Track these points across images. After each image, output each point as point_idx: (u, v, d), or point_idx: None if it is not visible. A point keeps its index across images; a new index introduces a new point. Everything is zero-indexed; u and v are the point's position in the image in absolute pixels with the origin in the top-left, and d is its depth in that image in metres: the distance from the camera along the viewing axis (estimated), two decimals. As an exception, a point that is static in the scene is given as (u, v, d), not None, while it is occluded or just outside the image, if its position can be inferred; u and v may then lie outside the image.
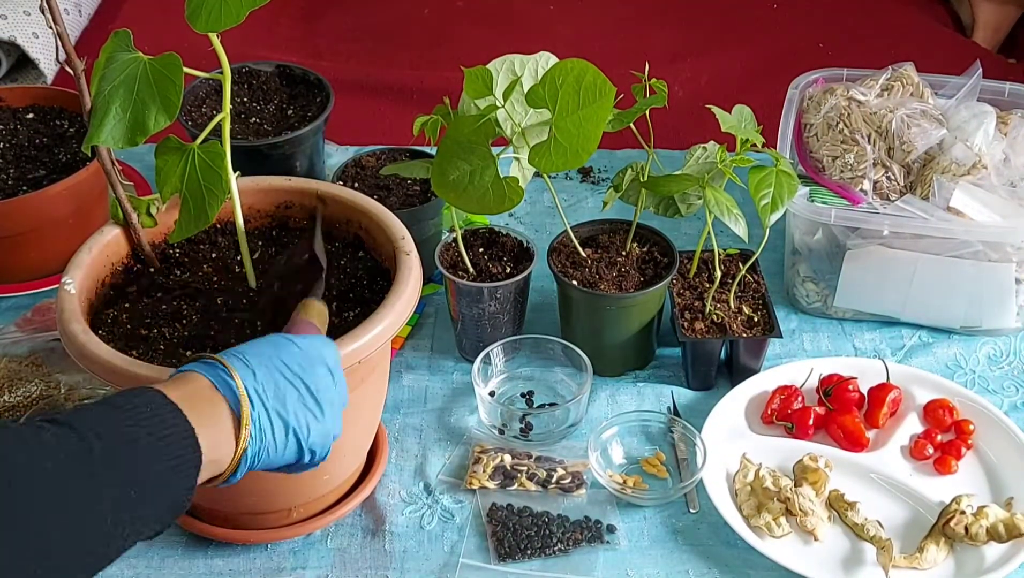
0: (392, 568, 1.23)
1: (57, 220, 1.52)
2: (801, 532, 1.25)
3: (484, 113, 1.27)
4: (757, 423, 1.39)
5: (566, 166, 1.25)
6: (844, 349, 1.51)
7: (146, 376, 1.04)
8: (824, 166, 1.51)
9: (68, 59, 1.10)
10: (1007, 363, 1.49)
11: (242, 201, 1.21)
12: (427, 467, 1.34)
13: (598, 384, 1.44)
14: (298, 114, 1.69)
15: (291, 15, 2.34)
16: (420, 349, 1.51)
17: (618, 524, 1.27)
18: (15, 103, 1.68)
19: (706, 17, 2.35)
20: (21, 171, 1.56)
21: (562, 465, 1.32)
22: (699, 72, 2.14)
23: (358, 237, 1.29)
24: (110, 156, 1.16)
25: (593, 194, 1.78)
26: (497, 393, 1.43)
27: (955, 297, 1.48)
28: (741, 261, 1.49)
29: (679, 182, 1.37)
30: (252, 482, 1.16)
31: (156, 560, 1.24)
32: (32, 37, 2.04)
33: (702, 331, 1.41)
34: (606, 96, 1.22)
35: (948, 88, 1.59)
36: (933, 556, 1.21)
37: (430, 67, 2.15)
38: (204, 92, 1.71)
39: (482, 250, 1.46)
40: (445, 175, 1.29)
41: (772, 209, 1.30)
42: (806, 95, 1.62)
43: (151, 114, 1.06)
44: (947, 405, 1.38)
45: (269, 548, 1.25)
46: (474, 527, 1.27)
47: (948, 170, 1.46)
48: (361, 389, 1.16)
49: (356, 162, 1.60)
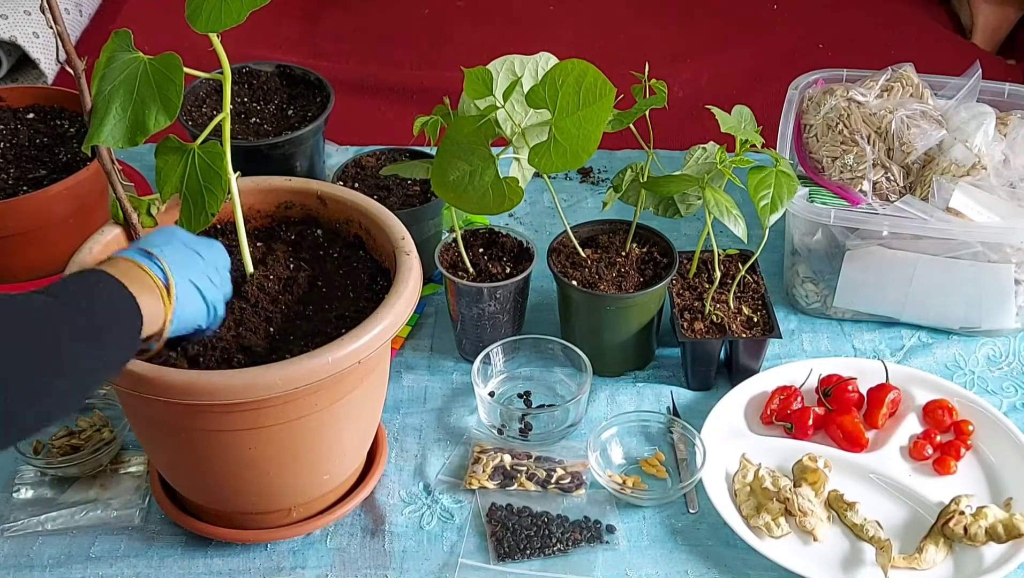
0: (392, 568, 1.23)
1: (57, 220, 1.52)
2: (800, 532, 1.25)
3: (484, 113, 1.27)
4: (756, 423, 1.39)
5: (566, 166, 1.25)
6: (843, 349, 1.51)
7: (146, 375, 1.05)
8: (824, 167, 1.51)
9: (68, 59, 1.10)
10: (1006, 364, 1.49)
11: (242, 201, 1.21)
12: (427, 467, 1.35)
13: (598, 384, 1.44)
14: (298, 114, 1.69)
15: (291, 15, 2.34)
16: (420, 349, 1.51)
17: (617, 524, 1.27)
18: (16, 103, 1.68)
19: (706, 17, 2.35)
20: (22, 171, 1.56)
21: (562, 465, 1.32)
22: (699, 72, 2.14)
23: (358, 237, 1.29)
24: (110, 156, 1.16)
25: (593, 194, 1.79)
26: (497, 393, 1.43)
27: (954, 298, 1.48)
28: (741, 261, 1.49)
29: (679, 183, 1.37)
30: (252, 482, 1.17)
31: (156, 560, 1.24)
32: (33, 37, 2.04)
33: (702, 331, 1.42)
34: (606, 96, 1.22)
35: (948, 89, 1.59)
36: (932, 556, 1.21)
37: (430, 67, 2.15)
38: (204, 92, 1.71)
39: (482, 250, 1.46)
40: (445, 175, 1.29)
41: (772, 210, 1.31)
42: (806, 96, 1.63)
43: (151, 114, 1.06)
44: (946, 406, 1.38)
45: (269, 548, 1.25)
46: (474, 527, 1.27)
47: (948, 171, 1.46)
48: (361, 389, 1.16)
49: (356, 162, 1.60)
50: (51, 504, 1.29)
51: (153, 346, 1.06)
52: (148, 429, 1.19)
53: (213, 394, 1.04)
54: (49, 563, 1.23)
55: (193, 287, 1.09)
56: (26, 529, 1.27)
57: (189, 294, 1.08)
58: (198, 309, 1.10)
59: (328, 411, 1.13)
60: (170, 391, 1.05)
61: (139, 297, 1.00)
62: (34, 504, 1.30)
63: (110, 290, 0.99)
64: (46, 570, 1.23)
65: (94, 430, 1.34)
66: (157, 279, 1.05)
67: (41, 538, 1.26)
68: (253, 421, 1.10)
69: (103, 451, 1.31)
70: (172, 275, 1.06)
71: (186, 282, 1.08)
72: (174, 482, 1.25)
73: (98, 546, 1.25)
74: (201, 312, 1.11)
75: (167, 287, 1.05)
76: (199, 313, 1.10)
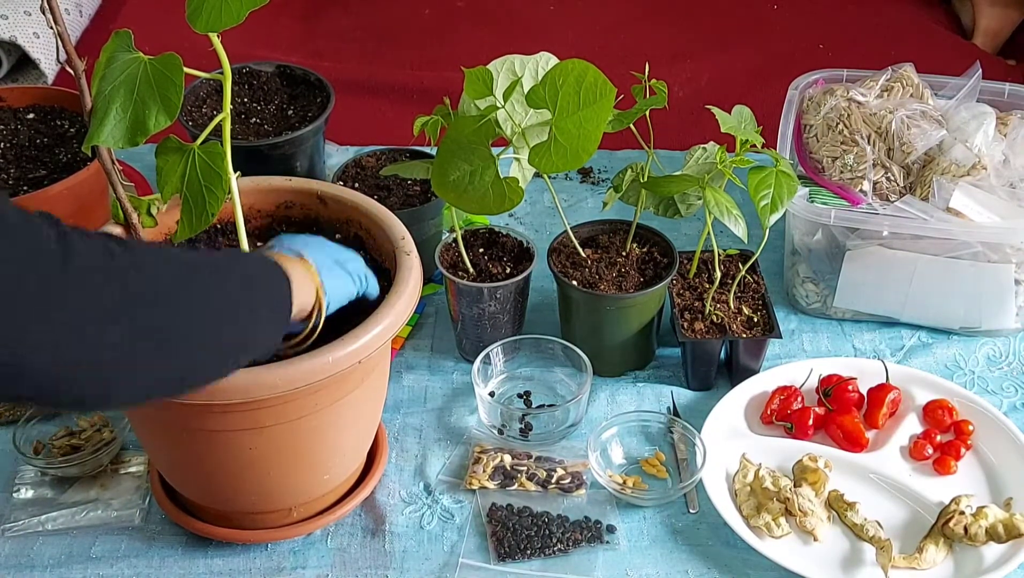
0: (392, 568, 1.23)
1: (57, 220, 1.52)
2: (800, 532, 1.25)
3: (484, 113, 1.27)
4: (757, 423, 1.39)
5: (566, 166, 1.25)
6: (844, 349, 1.51)
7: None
8: (824, 167, 1.51)
9: (69, 59, 1.10)
10: (1006, 364, 1.49)
11: (242, 201, 1.21)
12: (427, 467, 1.35)
13: (598, 384, 1.44)
14: (298, 114, 1.69)
15: (291, 15, 2.34)
16: (420, 349, 1.51)
17: (618, 524, 1.27)
18: (16, 103, 1.68)
19: (706, 17, 2.35)
20: (22, 171, 1.56)
21: (562, 465, 1.32)
22: (699, 72, 2.14)
23: (358, 237, 1.29)
24: (110, 156, 1.16)
25: (593, 194, 1.79)
26: (497, 393, 1.43)
27: (954, 298, 1.48)
28: (741, 261, 1.49)
29: (679, 183, 1.37)
30: (252, 482, 1.17)
31: (156, 560, 1.24)
32: (33, 37, 2.04)
33: (702, 331, 1.42)
34: (606, 97, 1.22)
35: (948, 89, 1.59)
36: (932, 556, 1.21)
37: (430, 67, 2.15)
38: (204, 92, 1.71)
39: (482, 250, 1.46)
40: (445, 175, 1.29)
41: (772, 210, 1.31)
42: (806, 96, 1.63)
43: (151, 114, 1.06)
44: (946, 406, 1.38)
45: (269, 548, 1.25)
46: (474, 527, 1.27)
47: (948, 171, 1.46)
48: (361, 389, 1.16)
49: (356, 162, 1.60)
50: (51, 504, 1.29)
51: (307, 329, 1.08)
52: (148, 429, 1.19)
53: (213, 394, 1.04)
54: (49, 563, 1.23)
55: (339, 268, 1.13)
56: (26, 529, 1.27)
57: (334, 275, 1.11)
58: (346, 282, 1.13)
59: (328, 411, 1.13)
60: (170, 391, 1.05)
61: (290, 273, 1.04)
62: (34, 504, 1.30)
63: (265, 266, 1.03)
64: (46, 570, 1.23)
65: (94, 430, 1.34)
66: (306, 260, 1.09)
67: (41, 538, 1.26)
68: (253, 421, 1.10)
69: (103, 451, 1.31)
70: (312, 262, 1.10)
71: (331, 267, 1.12)
72: (174, 482, 1.25)
73: (98, 546, 1.25)
74: (348, 284, 1.13)
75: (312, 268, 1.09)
76: (348, 284, 1.13)
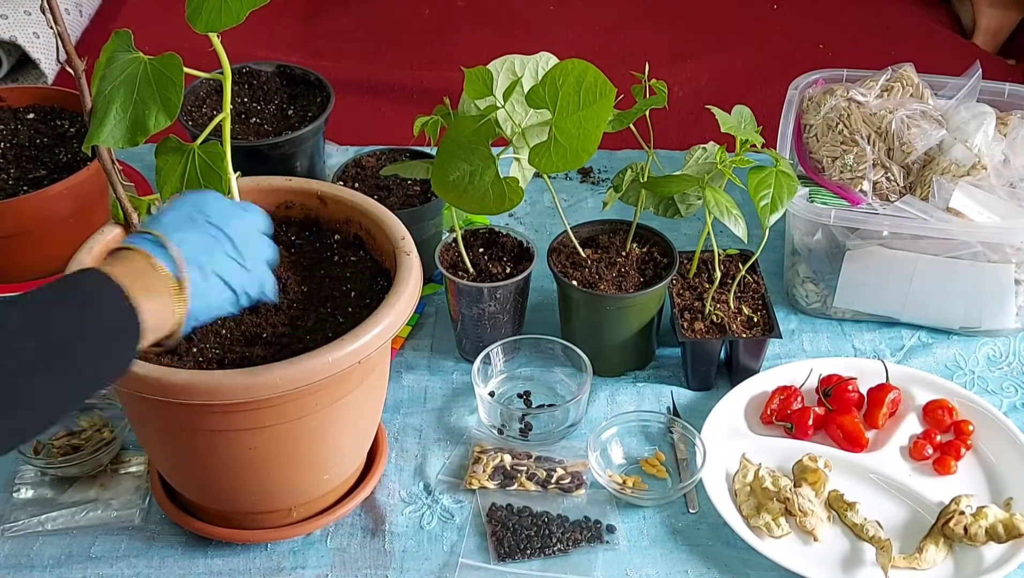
0: (392, 568, 1.23)
1: (57, 220, 1.52)
2: (800, 532, 1.25)
3: (484, 113, 1.27)
4: (757, 423, 1.39)
5: (566, 166, 1.25)
6: (844, 349, 1.51)
7: (145, 374, 1.05)
8: (824, 167, 1.51)
9: (69, 59, 1.10)
10: (1006, 364, 1.49)
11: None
12: (427, 467, 1.35)
13: (598, 384, 1.44)
14: (298, 114, 1.69)
15: (291, 15, 2.34)
16: (420, 349, 1.51)
17: (618, 524, 1.27)
18: (16, 103, 1.68)
19: (706, 17, 2.35)
20: (22, 171, 1.56)
21: (562, 465, 1.32)
22: (699, 72, 2.14)
23: (358, 237, 1.29)
24: (110, 156, 1.16)
25: (593, 194, 1.79)
26: (497, 393, 1.43)
27: (954, 298, 1.48)
28: (741, 261, 1.49)
29: (679, 183, 1.37)
30: (252, 482, 1.17)
31: (156, 560, 1.24)
32: (33, 37, 2.04)
33: (702, 331, 1.42)
34: (606, 96, 1.22)
35: (948, 89, 1.59)
36: (932, 556, 1.21)
37: (430, 67, 2.15)
38: (204, 92, 1.71)
39: (482, 250, 1.46)
40: (445, 175, 1.29)
41: (772, 210, 1.31)
42: (806, 96, 1.62)
43: (151, 114, 1.06)
44: (946, 406, 1.38)
45: (269, 548, 1.25)
46: (474, 527, 1.27)
47: (948, 171, 1.46)
48: (361, 389, 1.16)
49: (356, 162, 1.60)
50: (51, 504, 1.29)
51: (169, 343, 1.01)
52: (148, 429, 1.19)
53: (213, 394, 1.04)
54: (49, 563, 1.23)
55: (215, 277, 1.01)
56: (26, 529, 1.27)
57: (210, 286, 1.01)
58: (223, 298, 1.03)
59: (328, 411, 1.13)
60: (170, 391, 1.05)
61: (143, 303, 0.93)
62: (34, 504, 1.30)
63: (103, 302, 0.91)
64: (46, 570, 1.23)
65: (94, 430, 1.34)
66: (169, 274, 0.97)
67: (41, 538, 1.26)
68: (253, 421, 1.10)
69: (103, 451, 1.31)
70: (186, 270, 0.98)
71: (207, 274, 1.00)
72: (174, 482, 1.25)
73: (98, 546, 1.25)
74: (227, 300, 1.04)
75: (180, 282, 0.98)
76: (225, 301, 1.03)
